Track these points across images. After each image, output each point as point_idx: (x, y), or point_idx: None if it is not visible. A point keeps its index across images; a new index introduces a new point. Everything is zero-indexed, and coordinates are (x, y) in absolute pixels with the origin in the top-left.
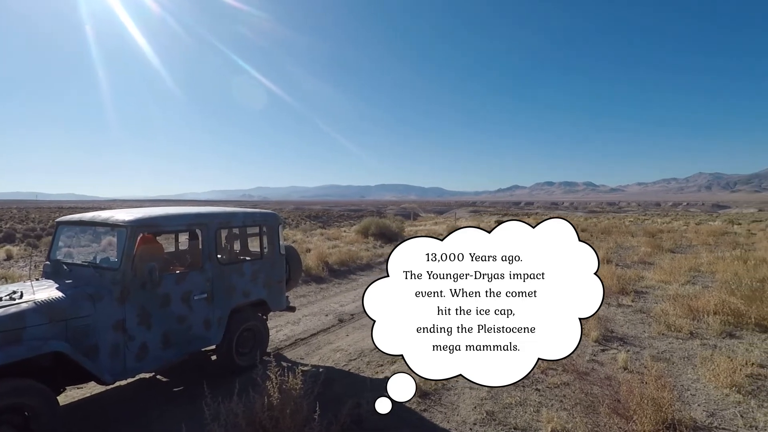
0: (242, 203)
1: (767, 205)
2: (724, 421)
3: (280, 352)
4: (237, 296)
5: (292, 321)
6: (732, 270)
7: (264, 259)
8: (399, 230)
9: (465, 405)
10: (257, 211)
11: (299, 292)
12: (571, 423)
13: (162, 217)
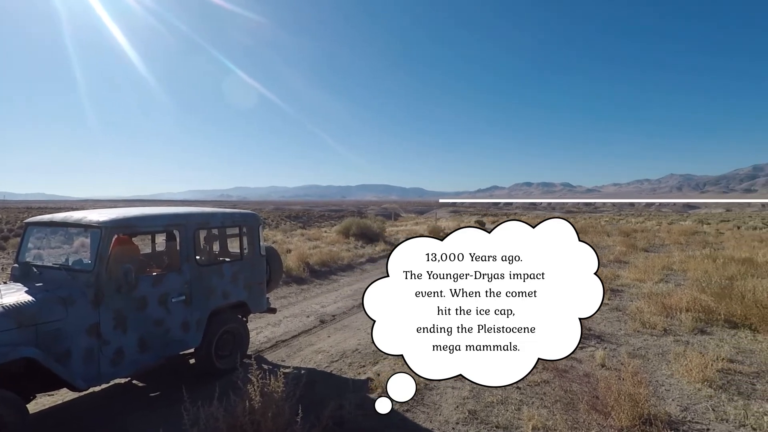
0: (221, 203)
1: (734, 206)
2: (696, 415)
3: (260, 354)
4: (216, 298)
5: (273, 323)
6: (702, 268)
7: (244, 260)
8: (380, 230)
9: (447, 404)
10: (237, 212)
11: (280, 293)
12: (551, 420)
13: (138, 217)
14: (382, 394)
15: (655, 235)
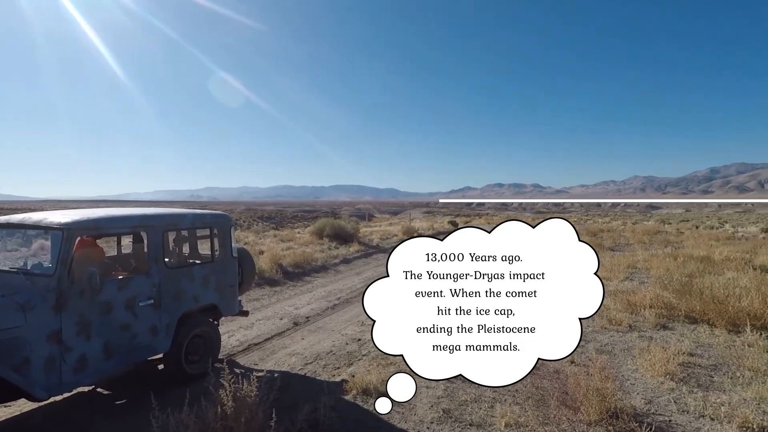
0: (190, 204)
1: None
2: (659, 408)
3: (232, 358)
4: (186, 301)
5: (245, 326)
6: (664, 266)
7: (215, 262)
8: (354, 231)
9: (422, 404)
10: (207, 212)
11: (252, 295)
12: (523, 417)
13: (103, 218)
14: (357, 395)
15: (620, 235)
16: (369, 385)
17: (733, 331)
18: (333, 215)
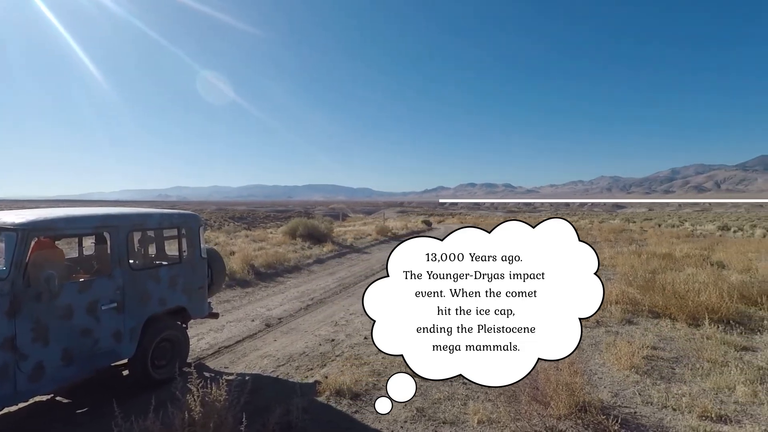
0: (159, 204)
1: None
2: (625, 400)
3: (202, 362)
4: (152, 304)
5: (215, 328)
6: (629, 263)
7: (183, 264)
8: (328, 231)
9: (396, 404)
10: (175, 212)
11: (223, 297)
12: (495, 413)
13: (61, 219)
14: (330, 397)
15: (588, 233)
16: (342, 386)
17: (693, 325)
18: (306, 215)
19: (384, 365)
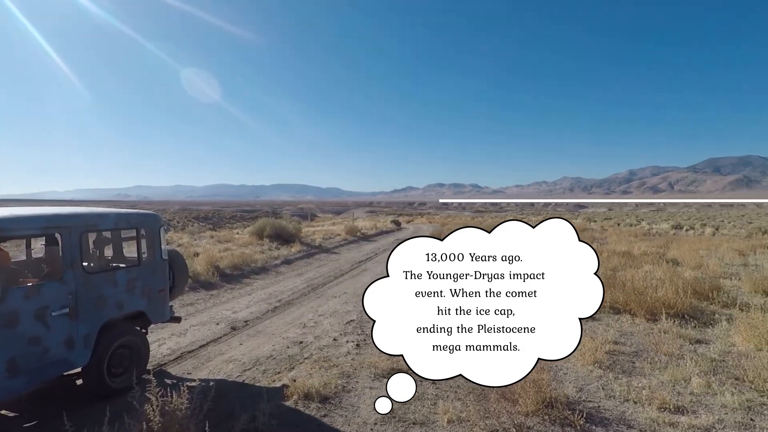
0: (117, 204)
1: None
2: (589, 395)
3: (162, 368)
4: (109, 309)
5: (178, 332)
6: None
7: (142, 266)
8: (296, 231)
9: (365, 405)
10: (133, 212)
11: (186, 300)
12: (464, 412)
13: (7, 218)
14: (299, 400)
15: None
16: (311, 389)
17: (651, 320)
18: (274, 215)
19: (354, 367)
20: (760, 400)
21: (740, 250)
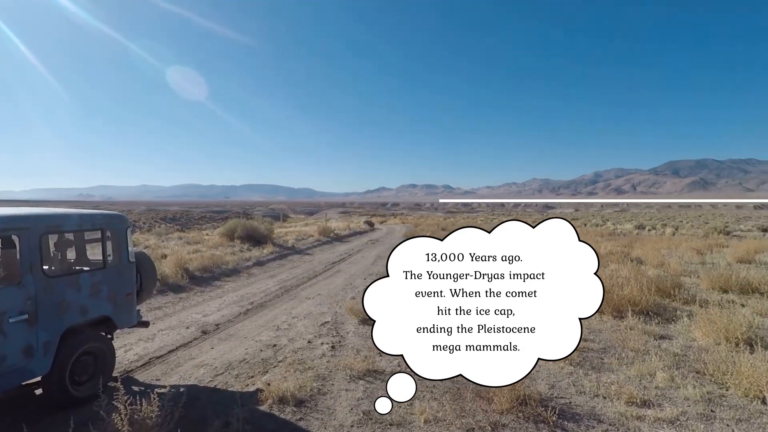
0: (80, 204)
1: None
2: (561, 391)
3: (130, 375)
4: (72, 314)
5: (145, 337)
6: None
7: (107, 269)
8: (268, 232)
9: (342, 408)
10: (98, 213)
11: (154, 303)
12: (441, 412)
13: None
14: (273, 404)
15: None
16: (286, 392)
17: (618, 317)
18: (245, 216)
19: (329, 369)
20: (719, 392)
21: (698, 249)
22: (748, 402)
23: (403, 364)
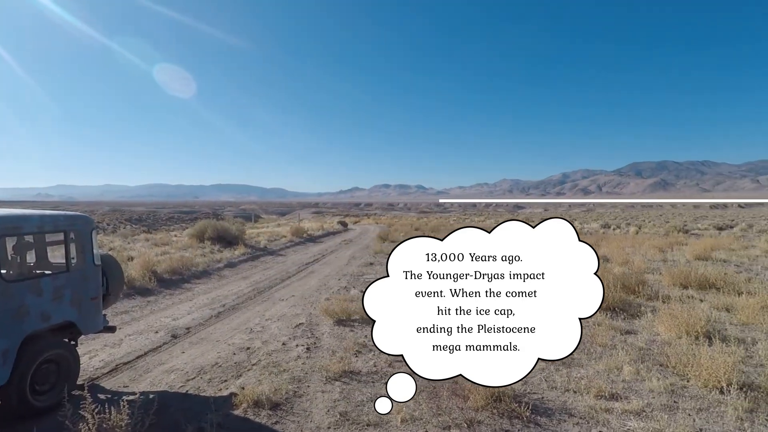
0: (37, 205)
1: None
2: (533, 387)
3: (95, 382)
4: (32, 321)
5: (111, 343)
6: None
7: (71, 272)
8: (239, 233)
9: (318, 410)
10: (60, 214)
11: (120, 308)
12: (418, 411)
13: None
14: (248, 408)
15: None
16: (261, 395)
17: None
18: (215, 216)
19: (305, 371)
20: (681, 383)
21: (660, 247)
22: (707, 392)
23: (381, 364)
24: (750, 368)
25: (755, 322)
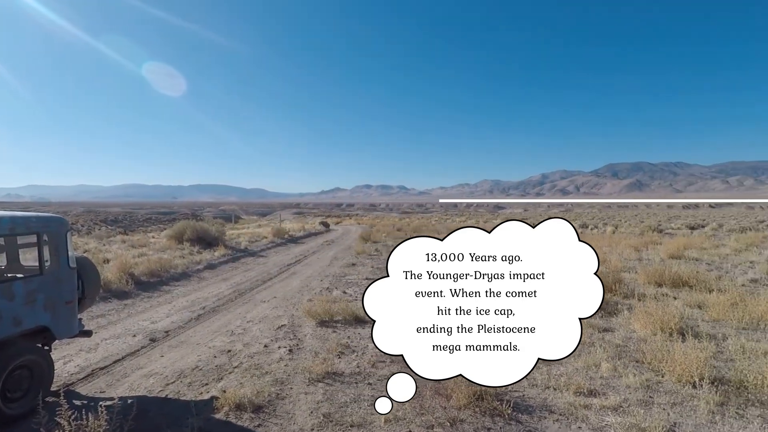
0: (6, 205)
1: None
2: (515, 385)
3: (71, 388)
4: (3, 326)
5: (87, 348)
6: None
7: (45, 276)
8: (219, 234)
9: (301, 411)
10: (33, 215)
11: (96, 311)
12: (401, 410)
13: None
14: (230, 412)
15: None
16: (243, 398)
17: None
18: (194, 217)
19: (287, 373)
20: (656, 379)
21: (635, 246)
22: (681, 387)
23: (364, 365)
24: (721, 363)
25: (725, 318)
